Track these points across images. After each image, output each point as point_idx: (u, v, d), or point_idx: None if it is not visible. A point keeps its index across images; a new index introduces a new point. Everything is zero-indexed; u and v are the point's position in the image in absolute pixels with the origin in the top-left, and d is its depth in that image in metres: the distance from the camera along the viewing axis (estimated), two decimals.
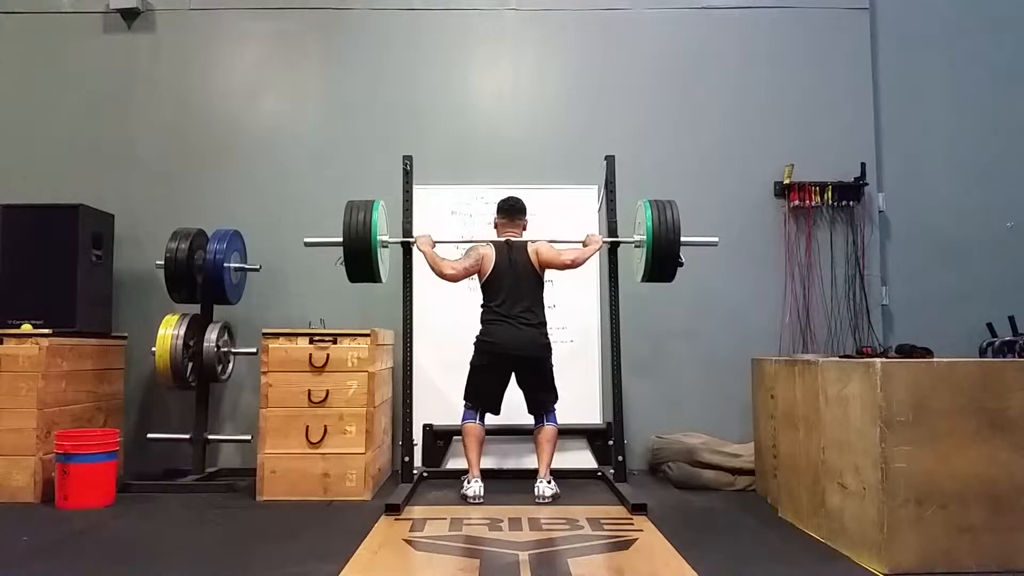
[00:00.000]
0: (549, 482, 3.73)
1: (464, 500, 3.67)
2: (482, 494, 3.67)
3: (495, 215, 4.02)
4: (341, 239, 3.80)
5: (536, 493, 3.68)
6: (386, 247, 4.00)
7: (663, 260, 3.88)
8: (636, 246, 4.09)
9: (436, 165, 4.54)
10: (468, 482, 3.74)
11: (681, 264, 3.89)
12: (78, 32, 4.95)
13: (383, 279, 3.98)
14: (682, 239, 3.87)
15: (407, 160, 4.19)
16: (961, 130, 4.97)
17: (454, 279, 3.89)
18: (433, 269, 3.87)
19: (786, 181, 4.80)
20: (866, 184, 4.79)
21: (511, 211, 3.99)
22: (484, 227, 4.24)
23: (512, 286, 3.83)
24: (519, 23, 5.01)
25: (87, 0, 4.94)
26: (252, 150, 4.91)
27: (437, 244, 3.98)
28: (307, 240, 3.96)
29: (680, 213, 3.90)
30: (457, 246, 4.15)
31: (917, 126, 4.97)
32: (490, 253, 3.88)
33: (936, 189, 4.93)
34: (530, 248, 3.91)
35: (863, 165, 4.80)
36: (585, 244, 3.98)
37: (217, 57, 5.02)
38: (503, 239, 3.93)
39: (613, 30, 4.99)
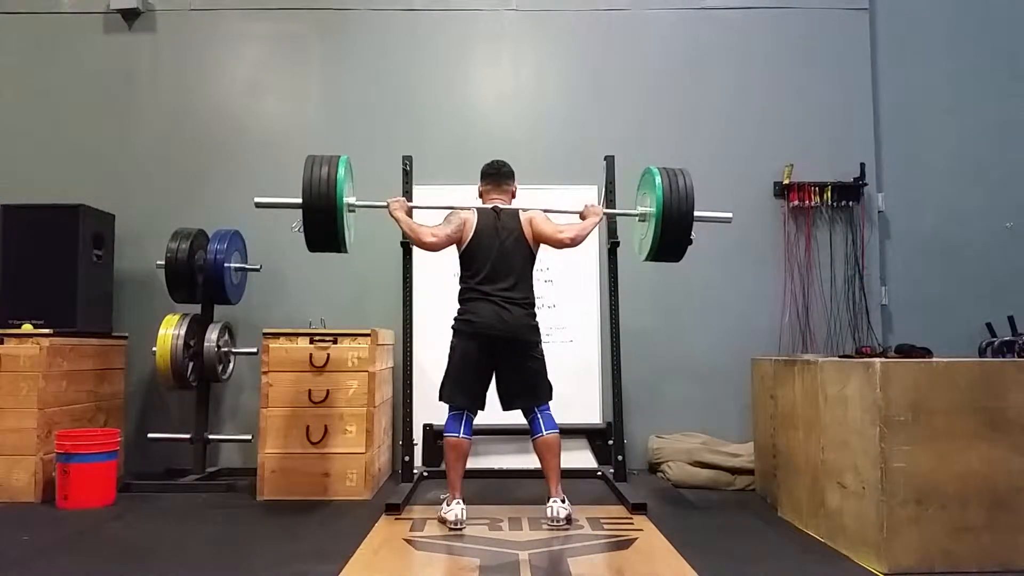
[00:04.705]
0: (563, 500, 3.24)
1: (443, 524, 3.23)
2: (464, 518, 3.21)
3: (479, 182, 3.56)
4: (299, 199, 3.28)
5: (549, 515, 3.21)
6: (352, 211, 3.45)
7: (674, 234, 3.41)
8: (640, 219, 3.65)
9: (436, 165, 4.53)
10: (448, 504, 3.25)
11: (691, 242, 3.47)
12: (78, 32, 4.96)
13: (347, 249, 3.45)
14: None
15: (407, 160, 4.20)
16: (961, 130, 4.97)
17: (435, 247, 3.38)
18: (410, 238, 3.43)
19: (786, 181, 4.80)
20: (866, 184, 4.79)
21: (497, 175, 3.51)
22: None
23: (497, 258, 3.32)
24: (519, 23, 5.01)
25: (87, 0, 4.95)
26: (252, 150, 4.91)
27: (414, 210, 3.54)
28: (258, 200, 3.47)
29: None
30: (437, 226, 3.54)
31: (917, 126, 4.97)
32: (472, 218, 3.37)
33: (936, 189, 4.93)
34: (523, 217, 3.41)
35: (863, 165, 4.81)
36: (583, 216, 3.50)
37: (217, 57, 5.02)
38: (490, 206, 3.45)
39: (613, 30, 4.99)
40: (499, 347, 3.31)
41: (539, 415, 3.36)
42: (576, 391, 4.25)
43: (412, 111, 4.91)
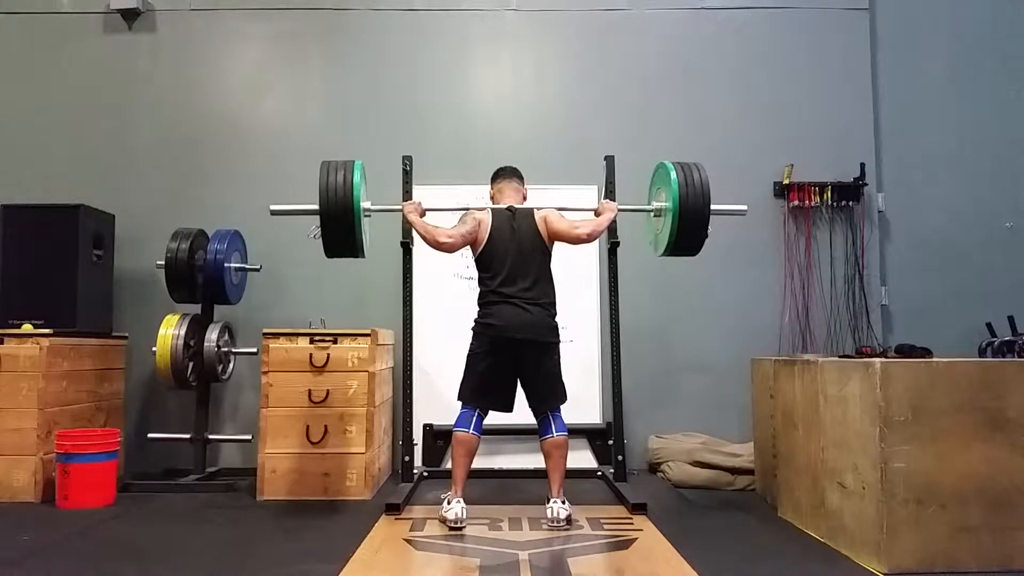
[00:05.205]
0: (564, 502, 3.23)
1: (443, 524, 3.21)
2: (465, 517, 3.19)
3: (490, 185, 3.59)
4: (316, 206, 3.27)
5: (550, 515, 3.20)
6: (368, 216, 3.49)
7: (692, 227, 3.41)
8: (655, 215, 3.67)
9: (436, 165, 4.54)
10: (449, 502, 3.23)
11: (707, 235, 3.47)
12: (78, 32, 4.96)
13: (365, 254, 3.49)
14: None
15: (407, 160, 4.19)
16: (961, 130, 4.97)
17: (452, 248, 3.37)
18: (425, 240, 3.36)
19: (786, 181, 4.80)
20: (865, 184, 4.79)
21: (510, 175, 3.55)
22: None
23: (515, 259, 3.32)
24: (519, 23, 5.01)
25: (87, 0, 4.95)
26: (252, 150, 4.91)
27: (427, 212, 3.47)
28: (273, 208, 3.49)
29: None
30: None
31: (917, 126, 4.98)
32: (487, 219, 3.36)
33: (936, 189, 4.93)
34: (537, 216, 3.40)
35: (862, 165, 4.81)
36: (598, 214, 3.52)
37: (217, 57, 5.02)
38: (504, 205, 3.44)
39: (613, 30, 4.99)
40: (521, 350, 3.30)
41: (551, 417, 3.36)
42: (576, 391, 4.19)
43: (412, 111, 4.91)
